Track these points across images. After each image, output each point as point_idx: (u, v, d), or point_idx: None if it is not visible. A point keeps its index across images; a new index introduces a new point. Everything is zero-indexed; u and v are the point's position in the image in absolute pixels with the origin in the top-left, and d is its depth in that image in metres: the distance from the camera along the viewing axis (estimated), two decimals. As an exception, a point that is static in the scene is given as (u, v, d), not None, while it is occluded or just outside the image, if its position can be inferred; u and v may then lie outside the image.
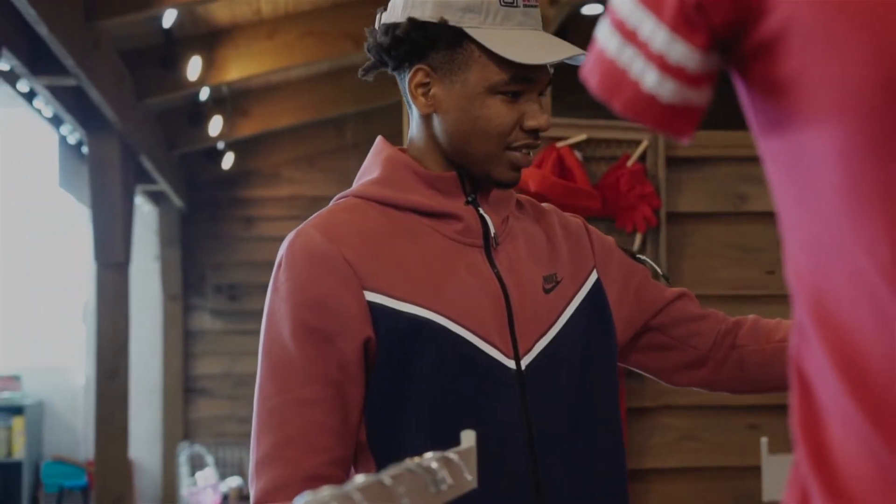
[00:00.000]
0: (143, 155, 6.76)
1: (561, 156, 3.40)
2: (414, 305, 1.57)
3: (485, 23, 1.58)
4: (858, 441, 0.68)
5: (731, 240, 3.57)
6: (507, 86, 1.58)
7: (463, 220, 1.65)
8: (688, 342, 1.84)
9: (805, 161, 0.70)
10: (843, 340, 0.68)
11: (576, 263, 1.76)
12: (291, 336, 1.57)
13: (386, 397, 1.58)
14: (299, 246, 1.60)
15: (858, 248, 0.67)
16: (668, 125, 0.77)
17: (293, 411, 1.56)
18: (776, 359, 1.80)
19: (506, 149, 1.61)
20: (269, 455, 1.56)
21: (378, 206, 1.65)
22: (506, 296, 1.63)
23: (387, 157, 1.69)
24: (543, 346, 1.65)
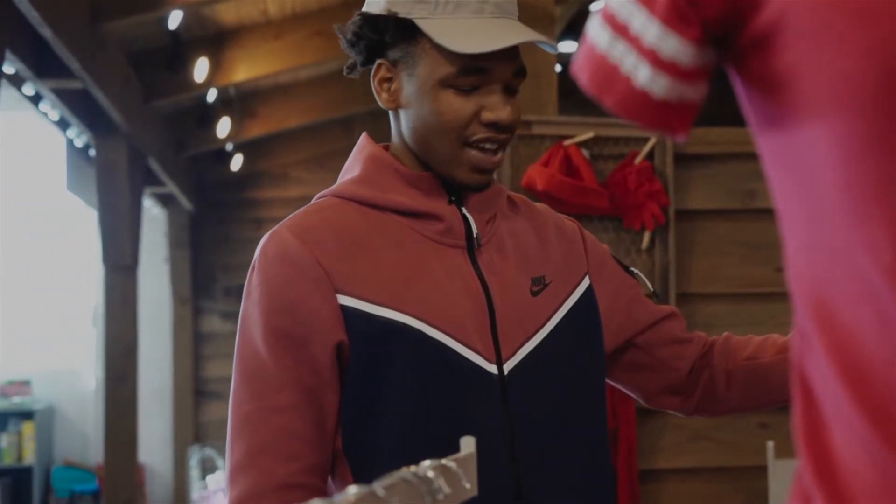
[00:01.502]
0: (150, 157, 6.75)
1: (568, 154, 3.37)
2: (389, 309, 1.53)
3: (435, 13, 1.53)
4: (861, 448, 0.65)
5: (740, 237, 3.54)
6: (456, 78, 1.53)
7: (444, 220, 1.60)
8: (669, 364, 1.79)
9: (804, 158, 0.68)
10: (845, 345, 0.66)
11: (568, 267, 1.71)
12: (263, 341, 1.53)
13: (360, 403, 1.54)
14: (272, 249, 1.56)
15: (860, 250, 0.64)
16: (661, 123, 0.74)
17: (266, 418, 1.53)
18: (744, 377, 1.76)
19: (465, 145, 1.55)
20: (243, 463, 1.53)
21: (357, 205, 1.61)
22: (488, 298, 1.58)
23: (368, 155, 1.65)
24: (529, 351, 1.60)
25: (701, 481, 3.50)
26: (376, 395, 1.53)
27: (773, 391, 1.75)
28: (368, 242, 1.57)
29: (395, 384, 1.52)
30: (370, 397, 1.53)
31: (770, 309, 3.52)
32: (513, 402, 1.56)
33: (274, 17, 6.55)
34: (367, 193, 1.61)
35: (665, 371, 1.79)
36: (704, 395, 1.79)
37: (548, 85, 3.53)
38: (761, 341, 1.78)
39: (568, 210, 3.35)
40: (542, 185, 3.30)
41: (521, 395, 1.57)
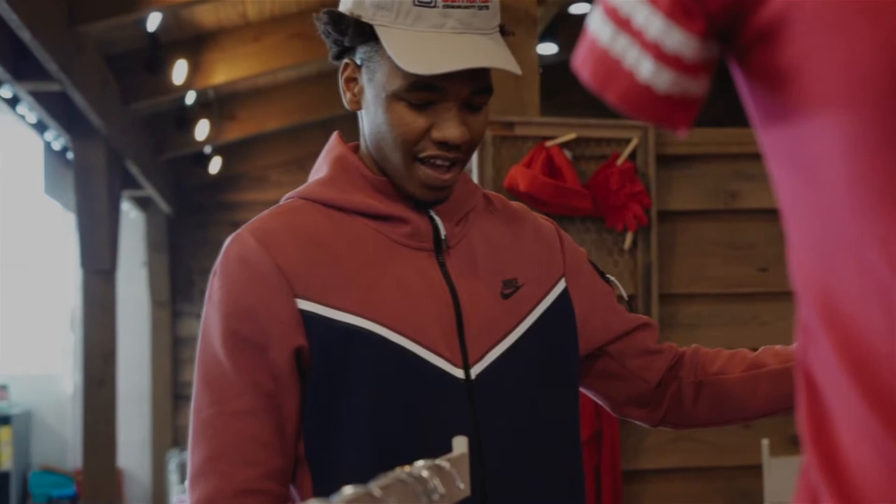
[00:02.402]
0: (129, 160, 6.71)
1: (550, 155, 3.37)
2: (350, 314, 1.51)
3: (395, 22, 1.49)
4: (870, 444, 0.64)
5: (722, 237, 3.54)
6: (408, 93, 1.49)
7: (410, 223, 1.58)
8: (639, 375, 1.77)
9: (809, 153, 0.67)
10: (853, 339, 0.65)
11: (543, 269, 1.68)
12: (222, 346, 1.52)
13: (322, 409, 1.52)
14: (233, 253, 1.54)
15: (867, 243, 0.64)
16: (664, 117, 0.73)
17: (225, 423, 1.51)
18: (711, 392, 1.75)
19: (415, 160, 1.53)
20: (202, 468, 1.52)
21: (323, 208, 1.59)
22: (456, 302, 1.56)
23: (335, 156, 1.62)
24: (499, 355, 1.57)
25: (685, 481, 3.50)
26: (338, 401, 1.51)
27: (739, 408, 1.74)
28: (332, 246, 1.55)
29: (356, 390, 1.50)
30: (332, 403, 1.51)
31: (752, 309, 3.53)
32: (480, 406, 1.54)
33: (253, 20, 6.53)
34: (333, 196, 1.59)
35: (634, 381, 1.77)
36: (671, 408, 1.78)
37: (530, 86, 3.52)
38: (730, 356, 1.76)
39: (550, 211, 3.35)
40: (524, 187, 3.29)
41: (489, 400, 1.54)
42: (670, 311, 3.48)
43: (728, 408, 1.76)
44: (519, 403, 1.57)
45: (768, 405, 1.72)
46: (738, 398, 1.74)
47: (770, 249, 3.53)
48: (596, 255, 3.43)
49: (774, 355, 1.72)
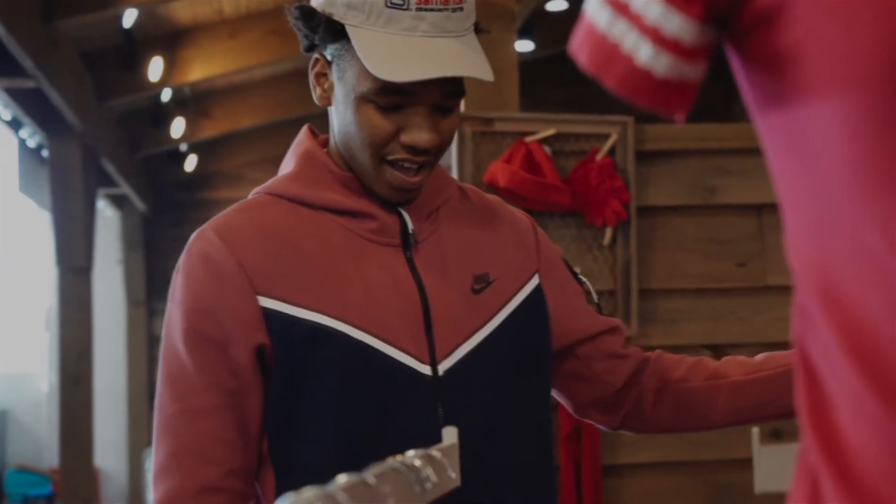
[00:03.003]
0: (104, 158, 6.69)
1: (530, 151, 3.37)
2: (313, 312, 1.49)
3: (366, 23, 1.46)
4: (871, 426, 0.65)
5: (701, 233, 3.55)
6: (377, 96, 1.47)
7: (378, 218, 1.56)
8: (603, 379, 1.75)
9: (808, 137, 0.67)
10: (853, 322, 0.65)
11: (517, 264, 1.66)
12: (184, 344, 1.51)
13: (285, 408, 1.50)
14: (195, 250, 1.53)
15: (868, 226, 0.64)
16: (662, 102, 0.73)
17: (187, 421, 1.50)
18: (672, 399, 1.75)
19: (383, 161, 1.51)
20: (165, 466, 1.51)
21: (289, 203, 1.57)
22: (423, 297, 1.54)
23: (303, 151, 1.61)
24: (468, 350, 1.55)
25: (665, 475, 3.51)
26: (301, 399, 1.50)
27: (698, 417, 1.74)
28: (297, 242, 1.53)
29: (320, 388, 1.49)
30: (295, 401, 1.50)
31: (731, 304, 3.54)
32: (448, 403, 1.52)
33: (229, 16, 6.52)
34: (299, 191, 1.57)
35: (598, 384, 1.76)
36: (630, 413, 1.77)
37: (509, 82, 3.52)
38: (693, 364, 1.75)
39: (530, 207, 3.35)
40: (504, 182, 3.29)
41: (457, 396, 1.53)
42: (649, 307, 3.49)
43: (686, 416, 1.75)
44: (488, 400, 1.55)
45: (727, 417, 1.72)
46: (697, 407, 1.73)
47: (748, 245, 3.55)
48: (575, 250, 3.44)
49: (738, 366, 1.72)
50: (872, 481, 0.64)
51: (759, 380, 1.69)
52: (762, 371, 1.70)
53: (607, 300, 3.45)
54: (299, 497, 0.78)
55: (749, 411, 1.71)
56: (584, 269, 3.41)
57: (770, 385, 1.68)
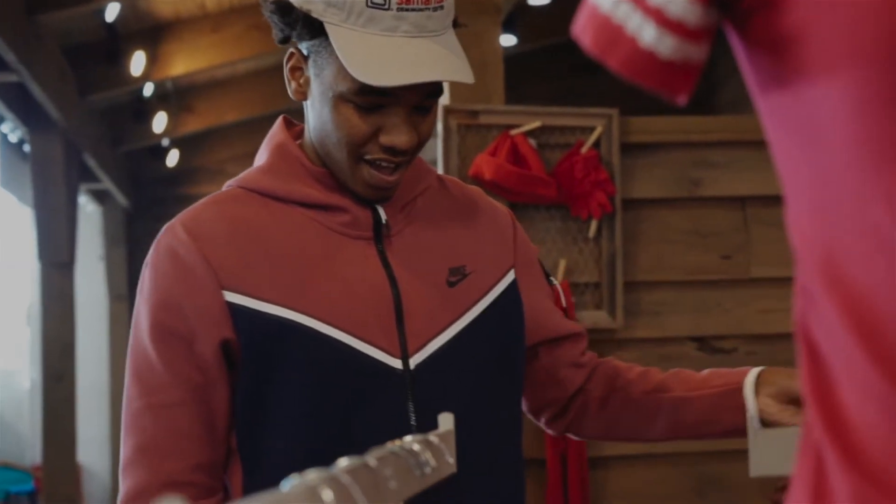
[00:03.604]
0: (86, 153, 6.67)
1: (515, 143, 3.38)
2: (280, 307, 1.48)
3: (346, 21, 1.43)
4: (876, 403, 0.65)
5: (686, 225, 3.56)
6: (356, 97, 1.46)
7: (350, 211, 1.56)
8: (560, 384, 1.76)
9: (812, 117, 0.68)
10: (858, 300, 0.66)
11: (494, 258, 1.66)
12: (150, 338, 1.51)
13: (254, 403, 1.50)
14: (163, 245, 1.53)
15: (872, 204, 0.64)
16: (666, 83, 0.74)
17: (154, 415, 1.51)
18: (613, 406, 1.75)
19: (360, 160, 1.50)
20: (131, 459, 1.52)
21: (261, 197, 1.56)
22: (395, 291, 1.54)
23: (276, 144, 1.60)
24: (441, 344, 1.55)
25: (649, 467, 3.52)
26: (270, 394, 1.49)
27: (636, 428, 1.75)
28: (266, 237, 1.53)
29: (288, 383, 1.48)
30: (263, 397, 1.50)
31: (716, 296, 3.55)
32: (419, 397, 1.51)
33: (211, 11, 6.50)
34: (271, 185, 1.56)
35: (554, 389, 1.76)
36: (575, 418, 1.78)
37: (494, 75, 3.53)
38: (640, 374, 1.76)
39: (515, 199, 3.36)
40: (489, 175, 3.30)
41: (429, 391, 1.52)
42: (634, 299, 3.51)
43: (625, 426, 1.76)
44: (460, 395, 1.54)
45: (667, 432, 1.73)
46: (637, 419, 1.74)
47: (733, 237, 3.56)
48: (561, 242, 3.45)
49: (682, 381, 1.72)
50: (878, 457, 0.65)
51: (701, 398, 1.69)
52: (705, 389, 1.69)
53: (593, 292, 3.46)
54: (303, 479, 0.78)
55: (688, 428, 1.72)
56: (569, 262, 3.43)
57: (711, 403, 1.68)
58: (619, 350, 3.48)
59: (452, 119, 3.35)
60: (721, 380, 1.69)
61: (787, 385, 1.63)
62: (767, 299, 3.53)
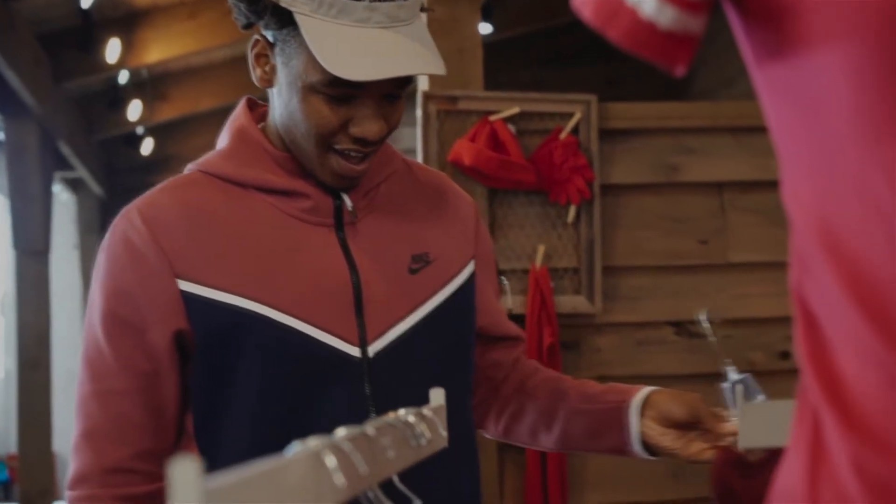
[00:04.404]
0: (61, 141, 6.63)
1: (494, 129, 3.39)
2: (235, 296, 1.47)
3: (317, 12, 1.41)
4: (874, 367, 0.67)
5: (664, 211, 3.59)
6: (327, 88, 1.44)
7: (311, 197, 1.54)
8: (490, 383, 1.76)
9: (810, 88, 0.69)
10: (855, 266, 0.67)
11: (457, 247, 1.65)
12: (101, 325, 1.51)
13: (209, 392, 1.50)
14: (118, 230, 1.51)
15: (871, 172, 0.66)
16: (666, 54, 0.75)
17: (101, 401, 1.51)
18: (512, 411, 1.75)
19: (329, 149, 1.49)
20: (78, 444, 1.52)
21: (220, 182, 1.54)
22: (355, 278, 1.52)
23: (237, 128, 1.58)
24: (402, 331, 1.54)
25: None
26: (225, 384, 1.49)
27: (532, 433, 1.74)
28: (223, 224, 1.51)
29: (244, 372, 1.48)
30: (219, 386, 1.49)
31: (693, 281, 3.58)
32: (377, 384, 1.51)
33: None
34: (231, 170, 1.54)
35: (482, 388, 1.76)
36: (480, 417, 1.78)
37: (473, 60, 3.53)
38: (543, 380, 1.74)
39: (495, 185, 3.38)
40: (469, 161, 3.31)
41: (387, 378, 1.52)
42: (613, 284, 3.53)
43: (523, 431, 1.75)
44: (418, 382, 1.51)
45: (557, 441, 1.71)
46: (534, 424, 1.73)
47: (710, 222, 3.59)
48: (540, 228, 3.46)
49: (581, 393, 1.70)
50: (876, 419, 0.66)
51: (590, 412, 1.67)
52: (597, 403, 1.67)
53: (571, 277, 3.48)
54: (305, 446, 0.79)
55: (576, 441, 1.70)
56: (548, 247, 3.44)
57: (598, 419, 1.66)
58: (598, 335, 3.50)
59: (432, 105, 3.36)
60: (614, 396, 1.66)
61: (669, 409, 1.60)
62: (744, 284, 3.56)
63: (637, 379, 3.46)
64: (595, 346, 3.51)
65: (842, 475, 0.68)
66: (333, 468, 0.77)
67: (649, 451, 1.64)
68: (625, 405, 1.63)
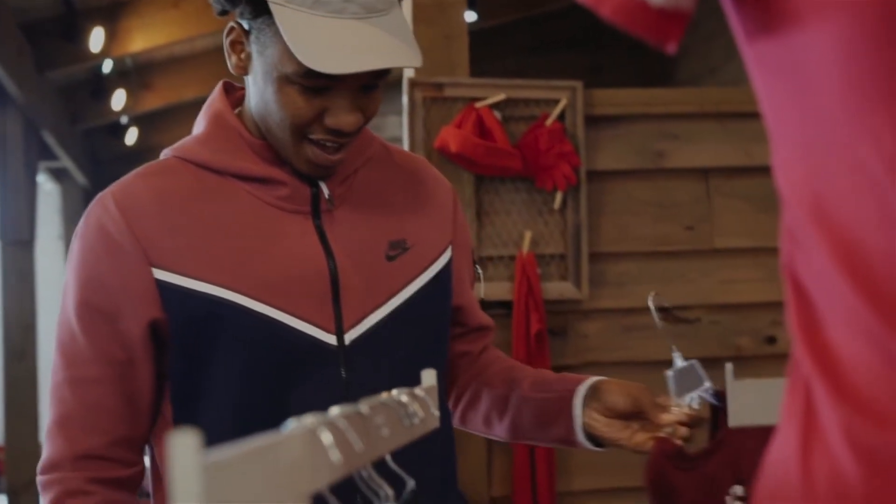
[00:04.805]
0: (45, 130, 6.61)
1: (480, 116, 3.39)
2: (211, 285, 1.46)
3: (292, 2, 1.39)
4: (865, 338, 0.67)
5: (650, 197, 3.60)
6: (302, 79, 1.42)
7: (288, 185, 1.53)
8: (455, 371, 1.76)
9: (801, 61, 0.70)
10: (847, 238, 0.68)
11: (434, 233, 1.64)
12: (75, 313, 1.50)
13: (187, 379, 1.50)
14: (93, 217, 1.51)
15: (861, 142, 0.66)
16: (658, 31, 0.75)
17: (75, 389, 1.50)
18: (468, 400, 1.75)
19: (304, 139, 1.48)
20: (51, 430, 1.52)
21: (196, 169, 1.53)
22: (332, 266, 1.51)
23: (213, 113, 1.57)
24: (379, 318, 1.53)
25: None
26: (203, 372, 1.49)
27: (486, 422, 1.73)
28: (199, 212, 1.50)
29: (220, 361, 1.47)
30: (197, 373, 1.49)
31: (680, 266, 3.59)
32: (353, 372, 1.50)
33: (171, -14, 6.45)
34: (206, 157, 1.53)
35: (448, 376, 1.74)
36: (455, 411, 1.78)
37: (459, 47, 3.53)
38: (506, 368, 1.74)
39: (481, 171, 3.38)
40: (455, 147, 3.31)
41: (362, 366, 1.51)
42: (599, 270, 3.54)
43: (476, 420, 1.75)
44: (394, 369, 1.52)
45: (508, 431, 1.70)
46: (488, 412, 1.72)
47: (696, 208, 3.60)
48: (526, 214, 3.47)
49: (533, 382, 1.68)
50: (867, 390, 0.67)
51: (538, 400, 1.65)
52: (546, 392, 1.65)
53: (558, 264, 3.49)
54: (301, 422, 0.80)
55: (525, 431, 1.69)
56: (534, 234, 3.45)
57: (545, 409, 1.64)
58: (585, 321, 3.51)
59: (417, 92, 3.36)
60: (562, 386, 1.65)
61: (612, 401, 1.58)
62: (730, 270, 3.57)
63: (625, 364, 3.50)
64: (582, 332, 3.52)
65: (834, 446, 0.69)
66: (329, 444, 0.78)
67: (594, 442, 1.62)
68: (570, 395, 1.61)
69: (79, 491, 1.49)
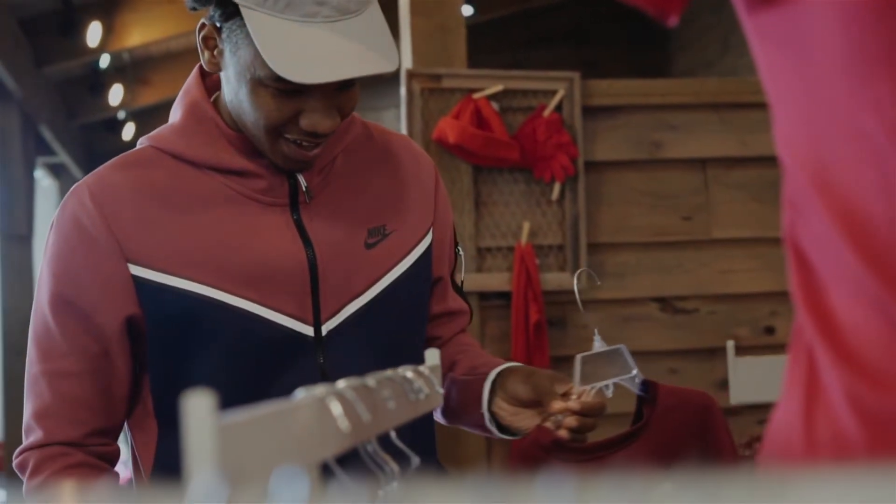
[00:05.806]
0: (43, 125, 6.61)
1: (478, 107, 3.40)
2: (188, 280, 1.45)
3: (263, 6, 1.36)
4: (867, 303, 0.68)
5: (647, 187, 3.61)
6: (275, 83, 1.39)
7: (265, 177, 1.51)
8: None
9: (802, 32, 0.71)
10: (849, 205, 0.69)
11: (415, 217, 1.62)
12: (49, 306, 1.49)
13: (166, 373, 1.49)
14: (69, 209, 1.49)
15: (862, 110, 0.67)
16: (659, 5, 0.76)
17: (50, 382, 1.50)
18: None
19: (278, 137, 1.45)
20: (28, 423, 1.53)
21: (172, 160, 1.51)
22: (311, 257, 1.50)
23: (190, 103, 1.54)
24: (357, 308, 1.52)
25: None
26: (181, 365, 1.48)
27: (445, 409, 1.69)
28: (175, 206, 1.48)
29: (198, 356, 1.47)
30: (176, 367, 1.49)
31: (677, 256, 3.60)
32: (329, 362, 1.50)
33: (167, -19, 6.46)
34: (183, 148, 1.51)
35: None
36: None
37: (456, 38, 3.54)
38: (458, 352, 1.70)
39: (479, 162, 3.39)
40: (453, 138, 3.32)
41: (339, 356, 1.51)
42: (598, 260, 3.55)
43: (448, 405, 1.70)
44: (371, 359, 1.50)
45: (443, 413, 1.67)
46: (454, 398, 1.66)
47: (693, 198, 3.61)
48: (524, 205, 3.48)
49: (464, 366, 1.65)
50: (869, 354, 0.68)
51: (460, 383, 1.62)
52: (469, 376, 1.61)
53: (556, 254, 3.50)
54: (310, 392, 0.81)
55: (452, 414, 1.65)
56: (533, 224, 3.46)
57: (464, 392, 1.61)
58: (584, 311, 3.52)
59: (415, 83, 3.37)
60: (484, 370, 1.60)
61: (515, 389, 1.53)
62: (728, 259, 3.58)
63: (622, 354, 3.51)
64: (581, 322, 3.53)
65: (837, 410, 0.70)
66: (339, 414, 0.79)
67: (502, 430, 1.57)
68: (482, 381, 1.57)
69: (58, 454, 1.50)
